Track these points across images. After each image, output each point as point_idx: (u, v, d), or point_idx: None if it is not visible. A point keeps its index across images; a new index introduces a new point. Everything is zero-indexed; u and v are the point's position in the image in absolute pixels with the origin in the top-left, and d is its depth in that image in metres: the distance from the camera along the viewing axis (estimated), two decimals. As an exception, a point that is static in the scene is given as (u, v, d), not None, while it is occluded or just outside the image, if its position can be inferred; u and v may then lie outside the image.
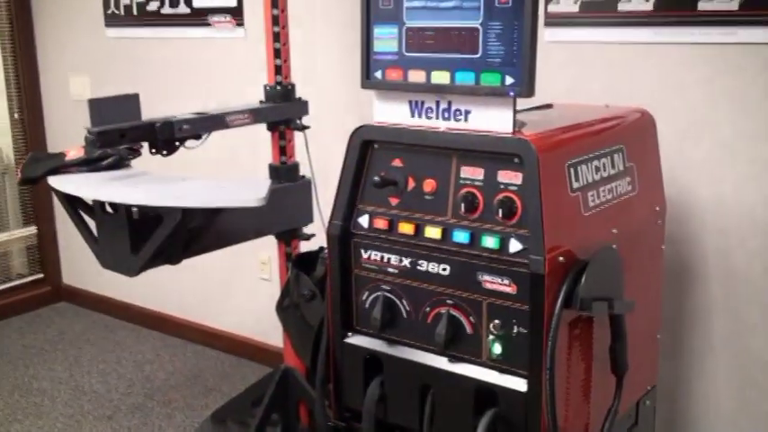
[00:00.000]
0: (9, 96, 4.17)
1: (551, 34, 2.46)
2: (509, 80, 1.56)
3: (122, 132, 2.15)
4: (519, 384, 1.60)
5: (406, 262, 1.73)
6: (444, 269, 1.68)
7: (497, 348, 1.62)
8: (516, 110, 1.60)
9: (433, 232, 1.68)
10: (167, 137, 2.22)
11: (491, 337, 1.63)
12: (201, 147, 2.33)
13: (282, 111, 2.54)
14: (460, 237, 1.64)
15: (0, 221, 4.28)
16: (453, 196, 1.67)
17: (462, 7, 1.60)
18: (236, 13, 3.25)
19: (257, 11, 2.78)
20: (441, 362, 1.70)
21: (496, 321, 1.62)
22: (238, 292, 3.61)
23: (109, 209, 2.18)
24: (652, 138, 2.05)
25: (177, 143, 2.26)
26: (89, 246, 2.28)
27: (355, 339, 1.84)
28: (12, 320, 4.18)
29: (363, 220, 1.79)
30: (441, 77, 1.65)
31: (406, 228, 1.71)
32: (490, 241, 1.60)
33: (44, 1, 4.05)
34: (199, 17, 3.37)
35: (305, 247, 2.66)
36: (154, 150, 2.25)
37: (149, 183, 2.21)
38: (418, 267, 1.72)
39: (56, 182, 2.21)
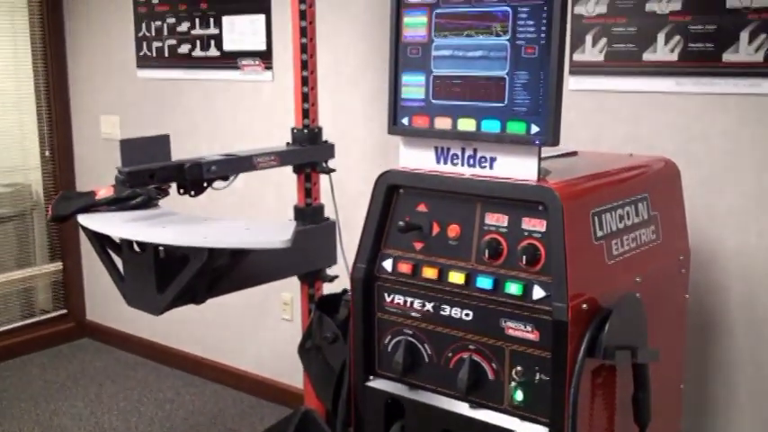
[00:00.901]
0: (41, 134, 4.25)
1: (576, 82, 2.49)
2: (534, 129, 1.58)
3: (152, 173, 2.18)
4: (541, 432, 1.59)
5: (429, 306, 1.74)
6: (467, 314, 1.68)
7: (519, 395, 1.62)
8: (541, 158, 1.62)
9: (456, 277, 1.69)
10: (195, 178, 2.25)
11: (513, 383, 1.63)
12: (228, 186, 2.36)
13: (309, 154, 2.57)
14: (484, 283, 1.64)
15: (27, 257, 4.33)
16: (477, 242, 1.68)
17: (489, 57, 1.63)
18: (266, 57, 3.31)
19: (286, 55, 2.83)
20: (462, 407, 1.70)
21: (519, 368, 1.62)
22: (260, 332, 3.61)
23: (136, 248, 2.20)
24: (676, 187, 2.05)
25: (205, 184, 2.30)
26: (115, 283, 2.30)
27: (377, 383, 1.84)
28: (34, 356, 4.20)
29: (387, 264, 1.80)
30: (467, 125, 1.67)
31: (430, 272, 1.72)
32: (513, 288, 1.60)
33: (78, 42, 4.15)
34: (229, 60, 3.43)
35: (328, 288, 2.67)
36: (182, 191, 2.28)
37: (177, 223, 2.24)
38: (441, 312, 1.72)
39: (85, 220, 2.24)
